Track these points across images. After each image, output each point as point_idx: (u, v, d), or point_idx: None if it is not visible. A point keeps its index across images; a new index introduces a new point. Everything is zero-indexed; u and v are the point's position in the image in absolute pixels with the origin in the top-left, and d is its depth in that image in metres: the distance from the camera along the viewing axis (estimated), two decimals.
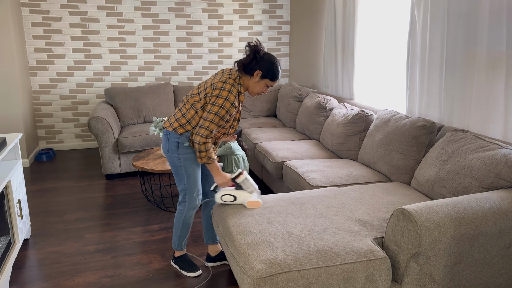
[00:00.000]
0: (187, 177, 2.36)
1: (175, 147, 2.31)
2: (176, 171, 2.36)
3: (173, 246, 2.54)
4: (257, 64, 2.24)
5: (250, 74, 2.26)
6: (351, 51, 4.01)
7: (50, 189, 3.95)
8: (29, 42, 4.93)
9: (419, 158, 2.70)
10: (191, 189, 2.38)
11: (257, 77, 2.26)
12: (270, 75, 2.26)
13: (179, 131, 2.28)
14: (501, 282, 1.93)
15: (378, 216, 2.12)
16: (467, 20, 2.59)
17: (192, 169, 2.35)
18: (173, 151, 2.32)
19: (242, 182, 2.26)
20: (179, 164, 2.33)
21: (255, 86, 2.29)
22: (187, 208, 2.42)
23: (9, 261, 2.41)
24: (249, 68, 2.25)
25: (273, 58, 2.27)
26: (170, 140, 2.32)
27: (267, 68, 2.24)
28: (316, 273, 1.69)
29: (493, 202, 1.86)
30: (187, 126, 2.28)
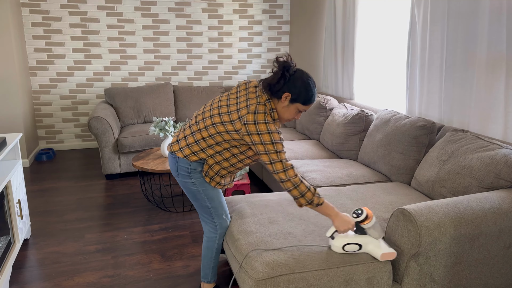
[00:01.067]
0: (209, 201, 2.02)
1: (187, 173, 1.97)
2: (194, 195, 2.02)
3: (205, 280, 2.18)
4: (286, 85, 1.83)
5: (277, 97, 1.85)
6: (351, 51, 4.01)
7: (50, 189, 3.95)
8: (29, 42, 4.93)
9: (419, 158, 2.70)
10: (218, 212, 2.05)
11: (285, 101, 1.85)
12: (302, 99, 1.84)
13: (191, 159, 1.93)
14: (501, 282, 1.93)
15: (378, 216, 2.12)
16: (467, 20, 2.59)
17: (212, 190, 2.01)
18: (185, 177, 1.98)
19: (369, 229, 1.79)
20: (195, 189, 2.00)
21: (284, 112, 1.88)
22: (219, 233, 2.09)
23: (9, 261, 2.41)
24: (276, 90, 1.84)
25: (306, 76, 1.85)
26: (180, 165, 1.97)
27: (298, 89, 1.82)
28: (317, 275, 1.69)
29: (493, 202, 1.86)
30: (201, 154, 1.92)
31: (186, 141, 1.95)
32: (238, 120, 1.82)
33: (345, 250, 1.79)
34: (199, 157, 1.92)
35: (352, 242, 1.79)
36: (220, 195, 2.06)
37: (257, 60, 5.76)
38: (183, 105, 4.94)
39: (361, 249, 1.80)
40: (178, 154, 1.96)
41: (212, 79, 5.66)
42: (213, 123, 1.88)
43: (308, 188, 1.79)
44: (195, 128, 1.94)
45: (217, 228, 2.08)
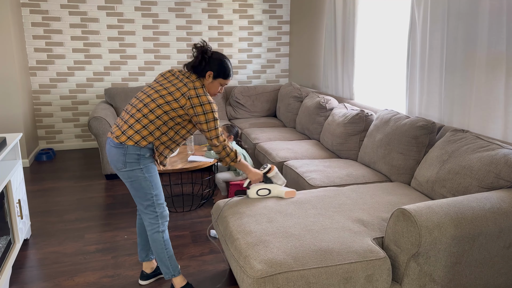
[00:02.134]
0: (154, 188, 2.15)
1: (136, 159, 2.09)
2: (140, 184, 2.12)
3: (168, 276, 2.25)
4: (207, 65, 2.17)
5: (202, 75, 2.18)
6: (351, 51, 4.01)
7: (50, 189, 3.95)
8: (29, 42, 4.93)
9: (419, 158, 2.70)
10: (159, 199, 2.18)
11: (209, 78, 2.18)
12: (222, 74, 2.20)
13: (141, 144, 2.07)
14: (501, 282, 1.93)
15: (378, 216, 2.12)
16: (467, 20, 2.59)
17: (156, 177, 2.16)
18: (134, 164, 2.09)
19: (273, 176, 2.37)
20: (142, 175, 2.11)
21: (210, 87, 2.22)
22: (160, 222, 2.19)
23: (9, 261, 2.41)
24: (200, 70, 2.17)
25: (221, 56, 2.21)
26: (128, 154, 2.07)
27: (217, 67, 2.18)
28: (316, 273, 1.69)
29: (493, 202, 1.86)
30: (149, 137, 2.08)
31: (133, 129, 2.08)
32: (182, 97, 2.08)
33: (259, 194, 2.35)
34: (148, 141, 2.09)
35: (263, 188, 2.36)
36: (160, 182, 2.21)
37: (257, 60, 5.76)
38: None
39: (270, 193, 2.37)
40: (128, 143, 2.07)
41: None
42: (158, 105, 2.08)
43: (231, 149, 2.22)
44: (140, 115, 2.09)
45: (159, 218, 2.19)
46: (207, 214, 3.35)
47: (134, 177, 2.11)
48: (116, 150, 2.09)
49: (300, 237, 1.87)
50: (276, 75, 5.89)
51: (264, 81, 5.87)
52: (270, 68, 5.84)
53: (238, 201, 2.32)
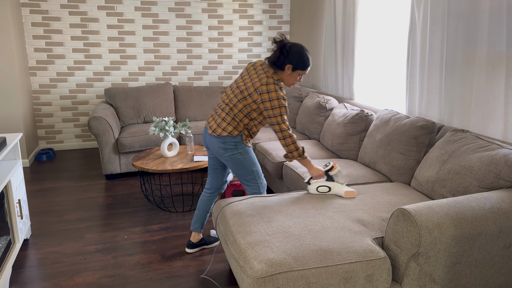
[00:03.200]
0: (253, 165, 2.51)
1: (234, 146, 2.45)
2: (241, 164, 2.49)
3: None
4: (286, 59, 2.34)
5: (281, 68, 2.37)
6: (351, 51, 4.01)
7: (50, 189, 3.95)
8: (29, 42, 4.93)
9: (419, 158, 2.70)
10: (259, 173, 2.55)
11: (288, 70, 2.37)
12: (300, 65, 2.37)
13: (234, 133, 2.43)
14: (501, 282, 1.93)
15: (378, 216, 2.12)
16: (467, 20, 2.59)
17: (253, 156, 2.52)
18: (233, 150, 2.45)
19: (335, 175, 2.42)
20: (242, 157, 2.48)
21: (289, 79, 2.42)
22: (262, 191, 2.57)
23: (9, 261, 2.41)
24: (279, 64, 2.36)
25: (300, 47, 2.37)
26: (226, 142, 2.44)
27: (296, 60, 2.35)
28: (316, 273, 1.69)
29: (493, 202, 1.86)
30: (239, 126, 2.43)
31: (226, 121, 2.43)
32: (255, 92, 2.34)
33: (319, 191, 2.40)
34: (239, 130, 2.43)
35: (323, 185, 2.40)
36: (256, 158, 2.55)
37: None
38: (183, 105, 4.94)
39: (330, 190, 2.40)
40: (224, 134, 2.42)
41: (212, 79, 5.66)
42: (239, 100, 2.40)
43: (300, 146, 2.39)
44: (228, 109, 2.44)
45: (260, 187, 2.57)
46: None
47: (236, 160, 2.47)
48: (216, 140, 2.46)
49: (300, 237, 1.87)
50: None
51: None
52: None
53: (238, 201, 2.31)
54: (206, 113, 4.97)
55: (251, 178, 2.53)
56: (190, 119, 4.93)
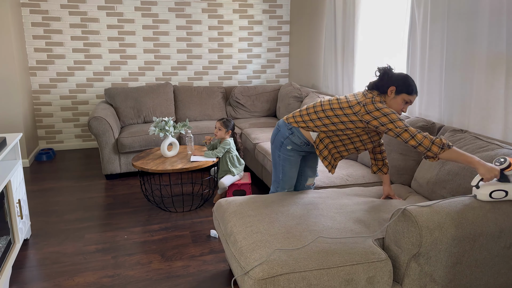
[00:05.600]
0: (282, 175, 2.44)
1: (279, 145, 2.38)
2: (274, 164, 2.47)
3: None
4: (389, 80, 2.18)
5: (384, 92, 2.19)
6: (351, 51, 4.01)
7: (50, 189, 3.95)
8: (29, 42, 4.93)
9: (419, 158, 2.70)
10: (283, 185, 2.47)
11: (392, 94, 2.18)
12: (405, 89, 2.16)
13: (301, 125, 2.31)
14: (502, 283, 1.93)
15: (379, 216, 2.12)
16: (467, 20, 2.59)
17: (289, 169, 2.42)
18: (276, 148, 2.41)
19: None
20: (278, 161, 2.43)
21: (392, 104, 2.20)
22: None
23: (9, 261, 2.41)
24: (381, 86, 2.19)
25: (405, 73, 2.23)
26: (277, 137, 2.39)
27: (400, 81, 2.16)
28: (317, 274, 1.69)
29: (494, 203, 1.86)
30: (315, 128, 2.28)
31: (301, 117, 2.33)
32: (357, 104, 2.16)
33: (492, 197, 1.81)
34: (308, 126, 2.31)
35: (499, 189, 1.80)
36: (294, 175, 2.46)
37: (257, 60, 5.76)
38: (183, 105, 4.94)
39: (507, 195, 1.81)
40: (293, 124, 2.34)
41: (212, 79, 5.66)
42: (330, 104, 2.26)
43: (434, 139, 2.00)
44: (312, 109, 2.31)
45: None
46: (207, 214, 3.34)
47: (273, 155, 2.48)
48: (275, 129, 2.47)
49: (302, 238, 1.87)
50: (276, 75, 5.89)
51: (264, 81, 5.87)
52: (270, 68, 5.84)
53: (239, 201, 2.31)
54: (206, 113, 4.97)
55: (275, 180, 2.51)
56: (190, 119, 4.93)
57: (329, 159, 2.33)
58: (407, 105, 2.20)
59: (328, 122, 2.23)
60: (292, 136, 2.34)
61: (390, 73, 2.19)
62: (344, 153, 2.35)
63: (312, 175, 2.58)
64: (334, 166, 2.38)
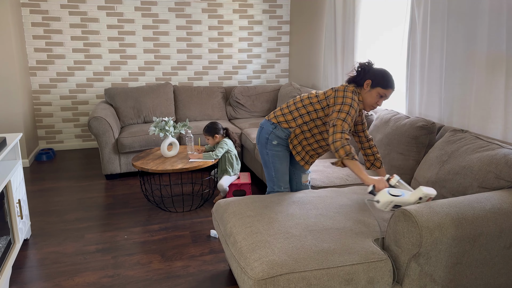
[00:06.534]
0: (275, 172, 2.45)
1: (264, 142, 2.41)
2: (265, 163, 2.48)
3: None
4: (367, 74, 2.23)
5: (361, 85, 2.25)
6: (351, 51, 4.01)
7: (50, 189, 3.95)
8: (29, 42, 4.93)
9: (419, 158, 2.70)
10: (278, 182, 2.48)
11: (367, 87, 2.22)
12: (381, 83, 2.19)
13: (283, 126, 2.36)
14: (502, 283, 1.93)
15: (378, 216, 2.12)
16: (467, 20, 2.58)
17: (279, 164, 2.43)
18: (262, 146, 2.43)
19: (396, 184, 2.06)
20: (267, 158, 2.44)
21: (367, 97, 2.25)
22: None
23: (9, 261, 2.41)
24: (359, 79, 2.25)
25: (384, 69, 2.26)
26: (262, 135, 2.42)
27: (377, 75, 2.20)
28: (317, 274, 1.69)
29: (494, 203, 1.86)
30: (292, 123, 2.35)
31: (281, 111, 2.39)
32: (331, 95, 2.26)
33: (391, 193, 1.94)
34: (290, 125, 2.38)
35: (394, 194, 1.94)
36: (286, 170, 2.47)
37: (257, 60, 5.76)
38: (183, 105, 4.94)
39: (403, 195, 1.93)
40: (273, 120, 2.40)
41: (212, 79, 5.66)
42: (308, 97, 2.34)
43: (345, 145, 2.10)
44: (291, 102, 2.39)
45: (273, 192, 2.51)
46: (207, 214, 3.34)
47: (262, 155, 2.50)
48: (259, 128, 2.50)
49: (302, 238, 1.87)
50: (276, 75, 5.89)
51: (264, 81, 5.87)
52: (270, 68, 5.84)
53: (239, 201, 2.31)
54: (206, 113, 4.97)
55: (269, 180, 2.52)
56: (190, 119, 4.93)
57: (303, 155, 2.41)
58: (382, 99, 2.24)
59: (304, 111, 2.32)
60: (275, 130, 2.38)
61: (368, 68, 2.25)
62: (318, 150, 2.43)
63: (304, 171, 2.60)
64: (309, 162, 2.46)
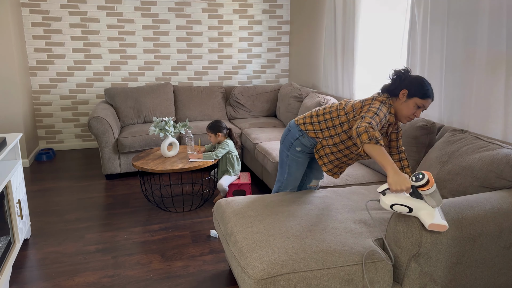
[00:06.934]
0: (287, 175, 2.43)
1: (288, 145, 2.36)
2: (281, 163, 2.45)
3: None
4: (402, 83, 2.07)
5: (395, 95, 2.08)
6: (351, 51, 4.01)
7: (50, 189, 3.95)
8: (29, 42, 4.93)
9: (419, 158, 2.70)
10: (287, 185, 2.46)
11: (403, 97, 2.06)
12: (419, 93, 2.02)
13: (310, 135, 2.27)
14: (502, 283, 1.93)
15: (379, 216, 2.12)
16: (467, 20, 2.59)
17: (295, 170, 2.41)
18: (285, 147, 2.39)
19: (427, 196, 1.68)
20: (285, 160, 2.41)
21: (403, 108, 2.08)
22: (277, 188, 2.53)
23: (9, 261, 2.41)
24: (394, 88, 2.08)
25: (420, 76, 2.08)
26: (287, 137, 2.36)
27: (414, 85, 2.03)
28: (317, 274, 1.69)
29: (494, 203, 1.86)
30: (319, 133, 2.24)
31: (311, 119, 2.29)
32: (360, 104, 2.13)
33: (393, 209, 1.72)
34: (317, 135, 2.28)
35: (402, 204, 1.69)
36: (299, 176, 2.44)
37: (257, 60, 5.76)
38: (183, 105, 4.94)
39: (410, 212, 1.70)
40: (301, 127, 2.30)
41: (212, 79, 5.66)
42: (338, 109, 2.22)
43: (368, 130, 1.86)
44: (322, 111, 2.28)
45: None
46: (207, 214, 3.34)
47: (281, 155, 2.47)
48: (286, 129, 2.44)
49: (302, 238, 1.87)
50: (276, 75, 5.89)
51: (264, 81, 5.87)
52: (270, 68, 5.84)
53: (239, 201, 2.31)
54: (206, 113, 4.97)
55: (279, 180, 2.49)
56: (190, 119, 4.93)
57: (330, 167, 2.31)
58: (420, 110, 2.07)
59: (331, 124, 2.20)
60: (302, 138, 2.30)
61: (404, 76, 2.09)
62: (348, 161, 2.31)
63: (318, 177, 2.55)
64: (338, 173, 2.37)
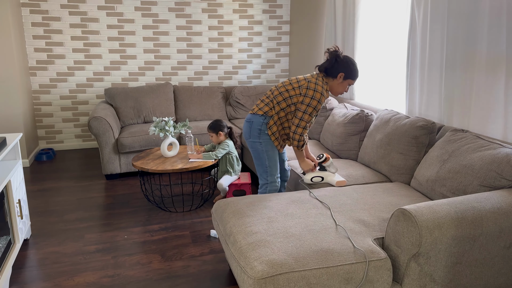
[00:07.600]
0: (268, 160, 2.65)
1: (257, 133, 2.60)
2: (258, 155, 2.66)
3: None
4: (340, 66, 2.51)
5: (334, 76, 2.54)
6: (351, 51, 4.01)
7: (50, 189, 3.95)
8: (29, 42, 4.93)
9: (419, 158, 2.70)
10: (272, 171, 2.68)
11: (340, 79, 2.54)
12: (352, 75, 2.54)
13: (269, 114, 2.59)
14: (502, 282, 1.93)
15: (378, 216, 2.12)
16: (467, 20, 2.59)
17: (272, 152, 2.65)
18: (255, 137, 2.61)
19: (328, 166, 2.69)
20: (261, 148, 2.63)
21: (338, 87, 2.58)
22: (268, 190, 2.72)
23: (9, 261, 2.41)
24: (332, 71, 2.53)
25: (351, 59, 2.55)
26: (253, 127, 2.60)
27: (349, 69, 2.52)
28: (317, 273, 1.69)
29: (494, 202, 1.86)
30: (271, 111, 2.59)
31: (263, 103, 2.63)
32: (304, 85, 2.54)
33: (313, 181, 2.67)
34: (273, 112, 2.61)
35: (317, 175, 2.67)
36: (277, 159, 2.70)
37: (257, 60, 5.76)
38: (183, 105, 4.94)
39: (323, 180, 2.67)
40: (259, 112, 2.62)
41: (212, 79, 5.66)
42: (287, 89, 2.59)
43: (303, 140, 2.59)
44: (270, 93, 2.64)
45: (268, 186, 2.72)
46: (207, 214, 3.35)
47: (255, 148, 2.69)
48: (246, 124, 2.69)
49: (301, 237, 1.87)
50: (276, 75, 5.89)
51: (264, 81, 5.87)
52: (270, 68, 5.84)
53: (238, 201, 2.31)
54: (206, 113, 4.97)
55: (263, 171, 2.67)
56: (190, 119, 4.93)
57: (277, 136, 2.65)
58: (348, 88, 2.61)
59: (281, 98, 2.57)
60: (266, 120, 2.59)
61: (339, 58, 2.51)
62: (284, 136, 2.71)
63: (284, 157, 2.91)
64: (282, 146, 2.73)
